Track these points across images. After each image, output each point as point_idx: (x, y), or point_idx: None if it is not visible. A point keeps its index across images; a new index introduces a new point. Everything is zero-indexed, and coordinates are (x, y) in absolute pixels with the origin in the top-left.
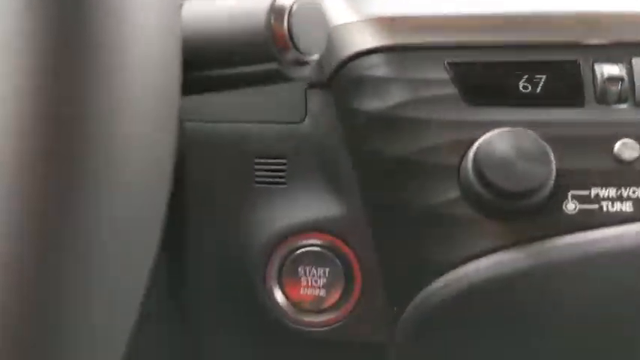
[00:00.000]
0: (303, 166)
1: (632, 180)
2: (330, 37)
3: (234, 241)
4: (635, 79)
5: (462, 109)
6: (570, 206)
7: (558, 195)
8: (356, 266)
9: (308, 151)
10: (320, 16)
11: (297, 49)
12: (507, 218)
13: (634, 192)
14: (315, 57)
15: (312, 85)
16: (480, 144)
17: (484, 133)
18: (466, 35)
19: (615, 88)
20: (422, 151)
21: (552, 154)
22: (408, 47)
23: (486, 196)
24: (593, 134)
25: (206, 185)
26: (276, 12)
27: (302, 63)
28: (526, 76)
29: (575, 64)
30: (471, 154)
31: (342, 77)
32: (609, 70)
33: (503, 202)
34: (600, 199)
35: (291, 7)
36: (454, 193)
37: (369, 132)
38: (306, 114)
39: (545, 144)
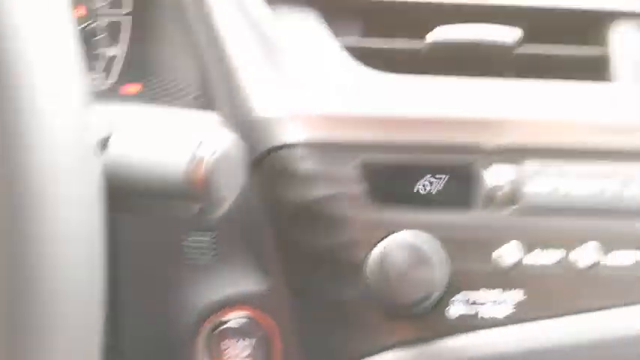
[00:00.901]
0: (230, 243)
1: (510, 283)
2: (257, 127)
3: (163, 318)
4: (521, 184)
5: (369, 209)
6: (453, 310)
7: (445, 298)
8: (277, 339)
9: (234, 229)
10: (237, 162)
11: (212, 194)
12: (401, 319)
13: (512, 295)
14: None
15: None
16: (381, 247)
17: (389, 233)
18: (377, 135)
19: (504, 192)
20: (332, 246)
21: (445, 258)
22: (323, 144)
23: (384, 298)
24: (480, 237)
25: (137, 262)
26: (196, 162)
27: (217, 203)
28: (426, 177)
29: (469, 168)
30: (373, 255)
31: (264, 165)
32: (500, 174)
33: (398, 306)
34: (481, 303)
35: (210, 158)
36: (358, 291)
37: (285, 220)
38: None
39: (439, 249)
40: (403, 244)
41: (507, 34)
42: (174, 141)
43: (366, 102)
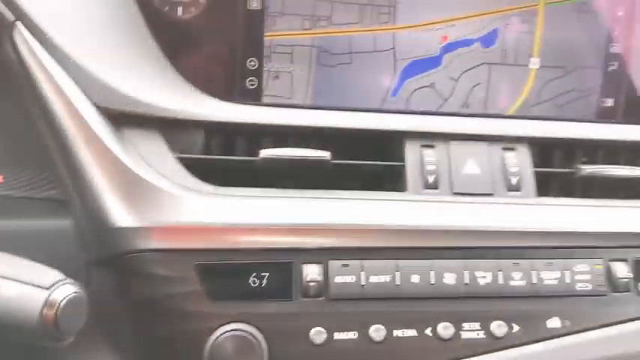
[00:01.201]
0: (91, 329)
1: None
2: (111, 234)
3: None
4: (329, 278)
5: (205, 304)
6: None
7: None
8: None
9: (95, 317)
10: (82, 305)
11: (62, 331)
12: None
13: None
14: None
15: (92, 262)
16: (214, 337)
17: (222, 324)
18: (210, 242)
19: (315, 285)
20: (174, 335)
21: (268, 346)
22: (165, 250)
23: None
24: (298, 323)
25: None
26: (48, 305)
27: (66, 337)
28: (253, 275)
29: (288, 267)
30: (208, 344)
31: (117, 267)
32: (311, 271)
33: None
34: None
35: (61, 302)
36: None
37: (135, 312)
38: (89, 283)
39: (264, 337)
40: (233, 335)
41: (324, 153)
42: (29, 286)
43: (201, 213)
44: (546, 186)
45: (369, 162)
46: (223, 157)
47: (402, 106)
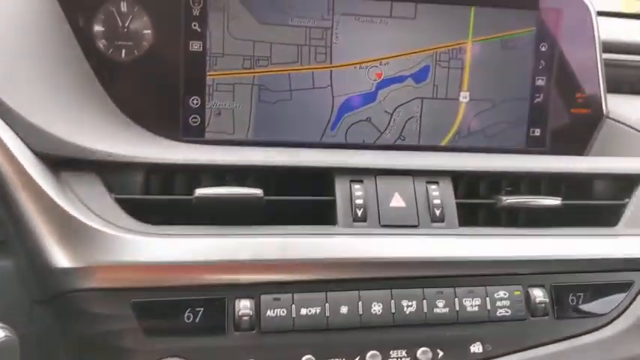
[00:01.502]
0: None
1: None
2: (52, 274)
3: None
4: (261, 312)
5: (141, 340)
6: None
7: None
8: None
9: (34, 353)
10: (14, 349)
11: None
12: None
13: None
14: None
15: (33, 301)
16: None
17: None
18: (147, 280)
19: (247, 319)
20: None
21: None
22: (102, 289)
23: None
24: (231, 357)
25: None
26: None
27: None
28: (187, 311)
29: (221, 302)
30: None
31: (57, 305)
32: (243, 305)
33: None
34: None
35: None
36: None
37: (75, 348)
38: (31, 321)
39: None
40: None
41: (256, 190)
42: None
43: (137, 252)
44: (475, 215)
45: (300, 197)
46: (158, 197)
47: (341, 139)
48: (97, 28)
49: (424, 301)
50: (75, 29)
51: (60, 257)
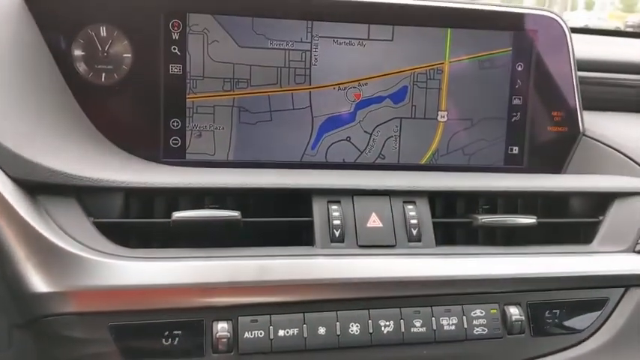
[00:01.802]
0: None
1: None
2: (29, 299)
3: None
4: (238, 334)
5: None
6: None
7: None
8: None
9: None
10: None
11: None
12: None
13: None
14: None
15: (13, 325)
16: None
17: None
18: (124, 304)
19: (225, 341)
20: None
21: None
22: (80, 313)
23: None
24: None
25: None
26: None
27: None
28: (166, 334)
29: (199, 323)
30: None
31: (34, 330)
32: (221, 327)
33: None
34: None
35: None
36: None
37: None
38: (10, 345)
39: None
40: None
41: (234, 213)
42: None
43: (114, 276)
44: (454, 233)
45: (277, 219)
46: (136, 220)
47: (321, 158)
48: (77, 52)
49: (401, 320)
50: (55, 53)
51: (37, 282)
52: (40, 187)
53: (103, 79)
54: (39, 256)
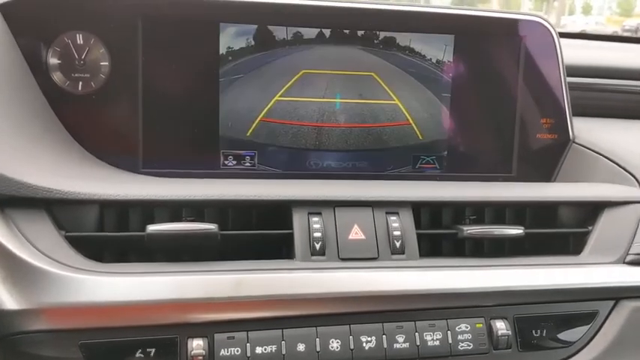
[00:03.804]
0: None
1: None
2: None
3: None
4: (214, 351)
5: None
6: None
7: None
8: None
9: None
10: None
11: None
12: None
13: None
14: None
15: None
16: None
17: None
18: (93, 321)
19: (200, 359)
20: None
21: None
22: (49, 331)
23: None
24: None
25: None
26: None
27: None
28: (139, 351)
29: (173, 342)
30: None
31: (3, 346)
32: (196, 345)
33: None
34: None
35: None
36: None
37: None
38: None
39: None
40: None
41: (211, 225)
42: None
43: (85, 292)
44: (439, 245)
45: (256, 232)
46: (109, 234)
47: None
48: (53, 60)
49: (384, 336)
50: (30, 61)
51: (5, 299)
52: (7, 200)
53: (80, 88)
54: (6, 272)
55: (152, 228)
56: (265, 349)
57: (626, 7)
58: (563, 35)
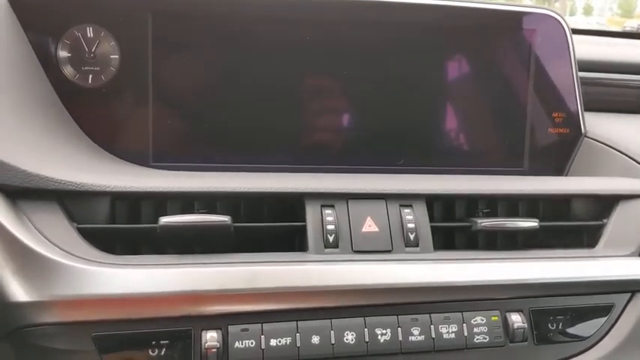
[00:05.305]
0: None
1: None
2: (8, 308)
3: None
4: (228, 344)
5: None
6: None
7: None
8: None
9: None
10: None
11: None
12: None
13: None
14: None
15: None
16: None
17: None
18: (107, 313)
19: (214, 351)
20: None
21: None
22: (61, 323)
23: None
24: None
25: None
26: None
27: None
28: (153, 344)
29: (187, 334)
30: None
31: (13, 340)
32: (210, 337)
33: None
34: None
35: None
36: None
37: None
38: None
39: None
40: None
41: (224, 217)
42: None
43: (98, 284)
44: (453, 238)
45: (269, 224)
46: (121, 226)
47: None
48: (63, 53)
49: (399, 329)
50: (40, 54)
51: (17, 291)
52: (19, 191)
53: (89, 81)
54: (19, 264)
55: (165, 220)
56: (280, 342)
57: (627, 8)
58: (573, 31)
